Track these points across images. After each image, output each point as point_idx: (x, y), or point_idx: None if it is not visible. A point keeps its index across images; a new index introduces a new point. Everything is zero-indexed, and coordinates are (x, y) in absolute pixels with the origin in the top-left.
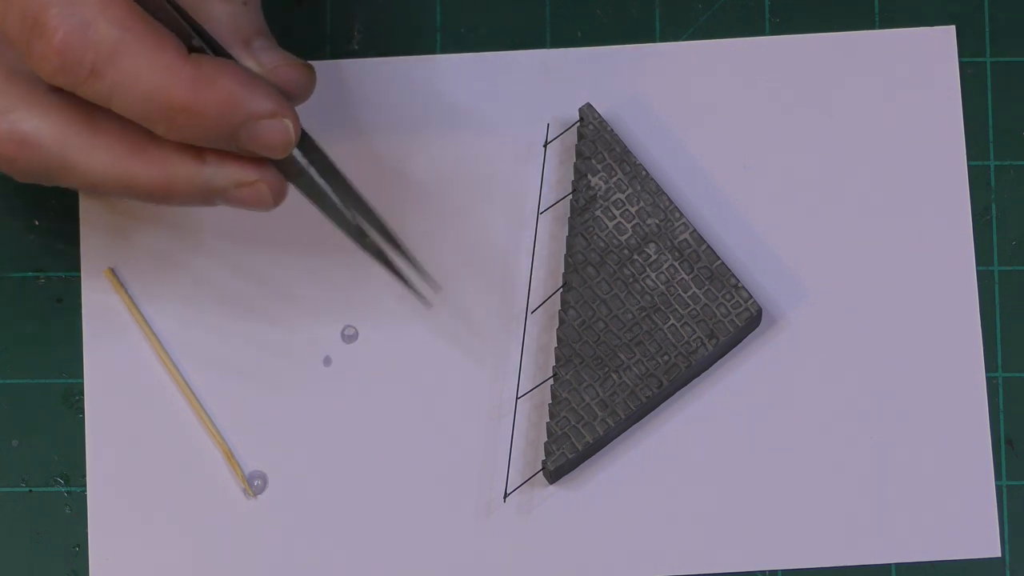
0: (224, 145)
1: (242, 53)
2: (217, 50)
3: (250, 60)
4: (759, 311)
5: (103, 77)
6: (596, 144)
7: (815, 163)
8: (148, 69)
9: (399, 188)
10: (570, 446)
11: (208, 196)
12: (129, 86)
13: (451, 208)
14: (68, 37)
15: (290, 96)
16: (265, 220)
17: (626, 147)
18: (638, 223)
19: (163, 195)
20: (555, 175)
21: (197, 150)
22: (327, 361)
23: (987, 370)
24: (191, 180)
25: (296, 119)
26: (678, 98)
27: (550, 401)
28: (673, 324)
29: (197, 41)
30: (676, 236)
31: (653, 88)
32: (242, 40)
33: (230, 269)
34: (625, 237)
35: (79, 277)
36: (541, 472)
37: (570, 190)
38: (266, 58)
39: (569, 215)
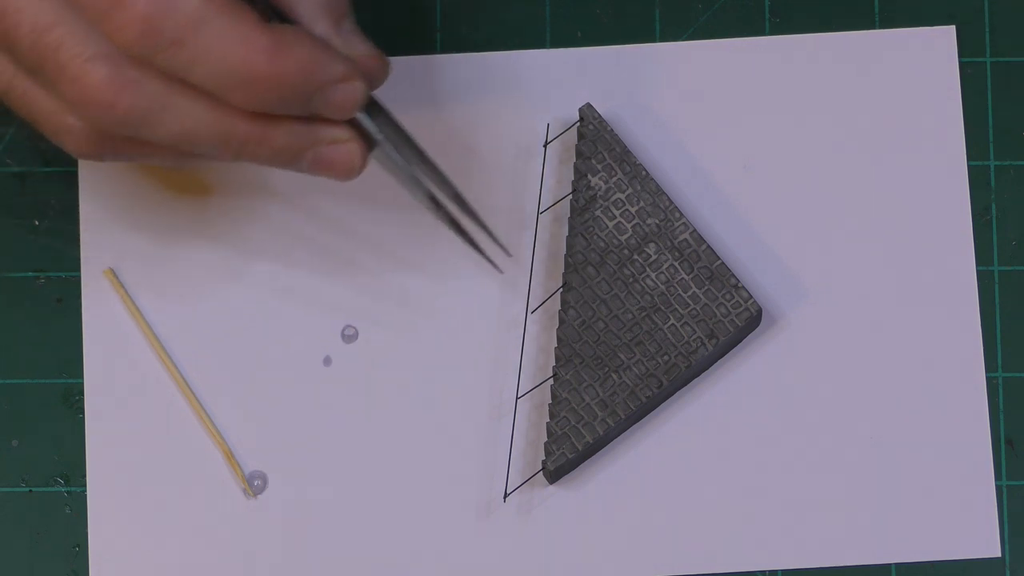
0: (294, 111)
1: (331, 31)
2: (283, 18)
3: (337, 40)
4: (759, 311)
5: (184, 47)
6: (596, 144)
7: (815, 163)
8: (229, 39)
9: (399, 188)
10: (570, 446)
11: (300, 151)
12: (209, 57)
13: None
14: (151, 7)
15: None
16: (264, 220)
17: (626, 147)
18: (638, 223)
19: (255, 145)
20: (555, 175)
21: None
22: (327, 361)
23: (987, 370)
24: (289, 131)
25: (364, 80)
26: (678, 98)
27: (550, 401)
28: (673, 324)
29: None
30: (676, 236)
31: (653, 88)
32: (334, 19)
33: (230, 269)
34: (625, 237)
35: (79, 277)
36: (541, 472)
37: (570, 190)
38: (355, 42)
39: (569, 215)
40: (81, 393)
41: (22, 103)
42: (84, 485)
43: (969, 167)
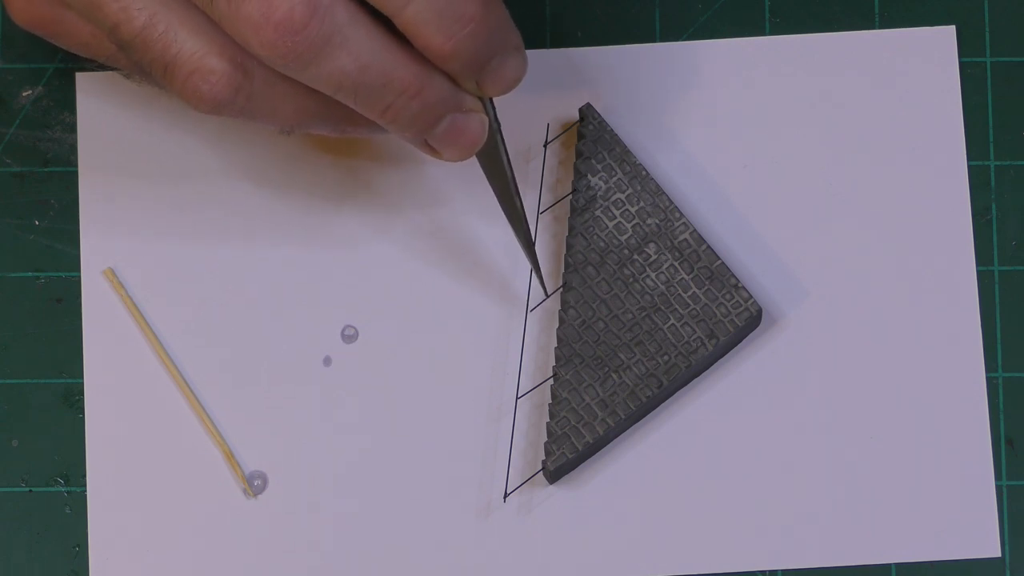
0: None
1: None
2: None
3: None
4: (759, 311)
5: (340, 51)
6: (596, 144)
7: (815, 163)
8: (382, 52)
9: (399, 187)
10: (570, 446)
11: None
12: (367, 67)
13: (451, 207)
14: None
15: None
16: (265, 219)
17: (626, 147)
18: (638, 223)
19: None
20: (555, 175)
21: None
22: (327, 361)
23: (987, 370)
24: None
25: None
26: (678, 98)
27: (550, 401)
28: (673, 324)
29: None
30: (676, 236)
31: (653, 88)
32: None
33: (230, 269)
34: (625, 237)
35: (79, 277)
36: (541, 472)
37: (570, 190)
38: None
39: (569, 215)
40: (81, 393)
41: (158, 46)
42: (84, 485)
43: (969, 167)
